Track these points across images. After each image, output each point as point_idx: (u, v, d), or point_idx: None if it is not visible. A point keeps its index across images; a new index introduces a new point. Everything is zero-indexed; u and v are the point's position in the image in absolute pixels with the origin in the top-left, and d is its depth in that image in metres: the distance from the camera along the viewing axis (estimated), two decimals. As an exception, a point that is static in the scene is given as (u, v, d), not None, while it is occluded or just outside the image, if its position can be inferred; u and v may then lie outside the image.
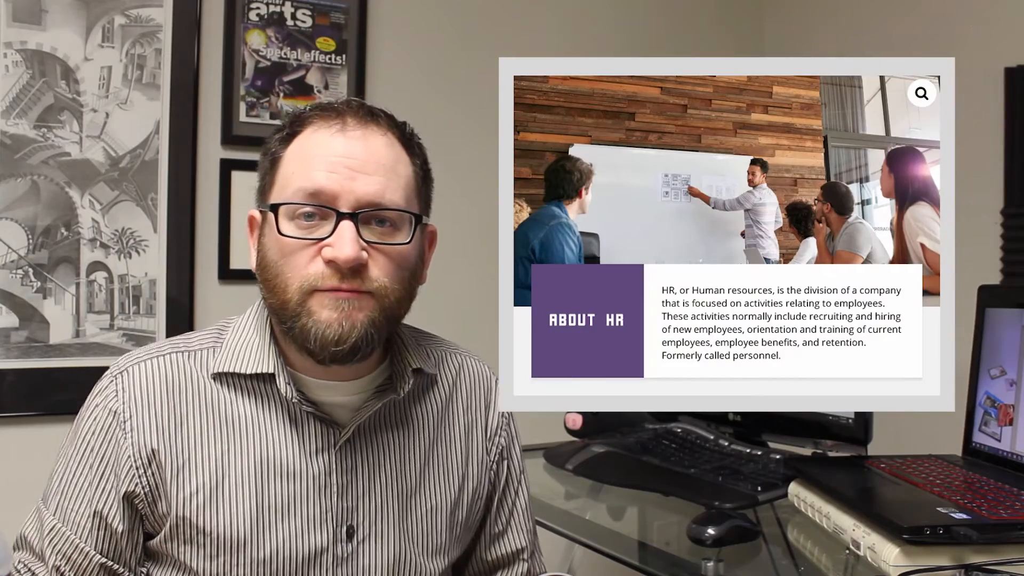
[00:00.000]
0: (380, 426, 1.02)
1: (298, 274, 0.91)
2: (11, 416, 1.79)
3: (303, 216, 0.92)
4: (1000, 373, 1.23)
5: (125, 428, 0.94)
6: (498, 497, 1.14)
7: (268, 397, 0.98)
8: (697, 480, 1.36)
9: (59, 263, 1.83)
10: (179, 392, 0.96)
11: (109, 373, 0.98)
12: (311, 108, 0.99)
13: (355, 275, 0.91)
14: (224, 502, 0.94)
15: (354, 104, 0.98)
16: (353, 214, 0.91)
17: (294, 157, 0.95)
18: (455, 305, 1.92)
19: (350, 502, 0.98)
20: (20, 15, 1.78)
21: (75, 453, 0.96)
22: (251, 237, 1.01)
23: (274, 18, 2.01)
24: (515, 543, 1.15)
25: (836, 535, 1.12)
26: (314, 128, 0.96)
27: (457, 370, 1.12)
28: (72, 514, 0.95)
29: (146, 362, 0.98)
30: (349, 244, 0.90)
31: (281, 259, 0.93)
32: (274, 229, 0.93)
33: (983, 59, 1.92)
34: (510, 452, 1.15)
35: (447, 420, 1.09)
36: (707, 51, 2.49)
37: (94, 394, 0.98)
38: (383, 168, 0.94)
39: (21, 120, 1.79)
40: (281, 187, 0.95)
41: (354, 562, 0.98)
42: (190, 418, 0.96)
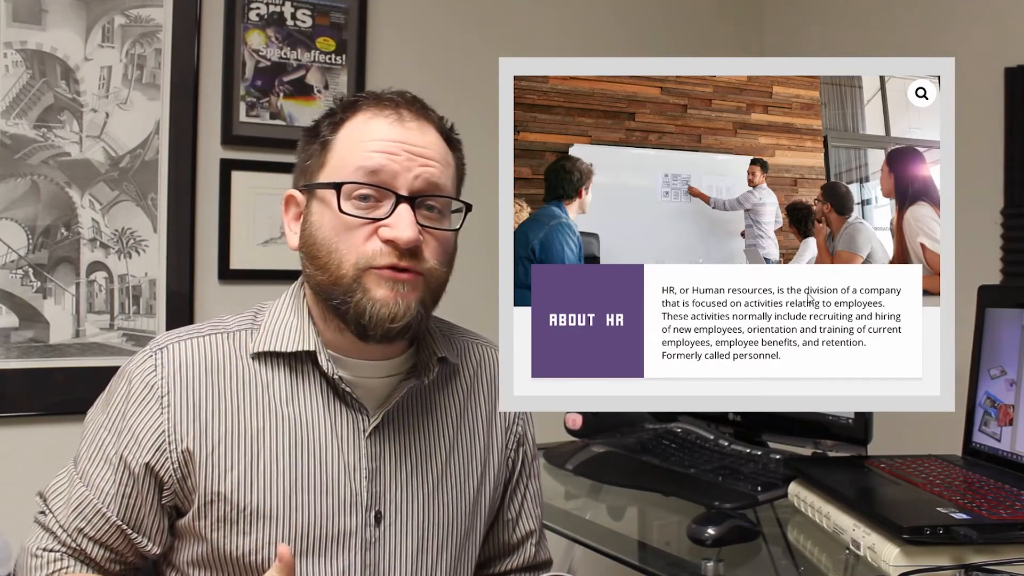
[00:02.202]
0: (407, 414, 1.05)
1: (355, 251, 0.95)
2: (11, 416, 1.79)
3: (360, 197, 0.96)
4: (1000, 373, 1.23)
5: (163, 403, 0.97)
6: (513, 483, 1.17)
7: (304, 376, 1.01)
8: (697, 480, 1.36)
9: (59, 263, 1.83)
10: (218, 372, 0.99)
11: (148, 349, 1.00)
12: (363, 96, 1.03)
13: (411, 256, 0.96)
14: (259, 478, 0.97)
15: (408, 96, 1.02)
16: (411, 198, 0.96)
17: (350, 139, 0.99)
18: (455, 305, 1.91)
19: (378, 488, 1.01)
20: (20, 15, 1.79)
21: (106, 420, 0.99)
22: (286, 217, 1.04)
23: (274, 18, 2.01)
24: (525, 527, 1.18)
25: (836, 535, 1.12)
26: (370, 115, 1.00)
27: (479, 360, 1.15)
28: (96, 479, 0.97)
29: (186, 341, 1.00)
30: (409, 226, 0.94)
31: (336, 236, 0.96)
32: (329, 207, 0.96)
33: (983, 59, 1.92)
34: (526, 439, 1.18)
35: (470, 409, 1.11)
36: (707, 51, 2.49)
37: (131, 367, 1.00)
38: (438, 156, 1.00)
39: (21, 120, 1.79)
40: (336, 167, 0.98)
41: (380, 547, 1.01)
42: (229, 397, 0.98)
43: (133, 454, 0.96)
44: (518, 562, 1.18)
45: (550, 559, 1.23)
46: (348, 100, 1.03)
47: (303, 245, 1.00)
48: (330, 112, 1.03)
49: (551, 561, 1.23)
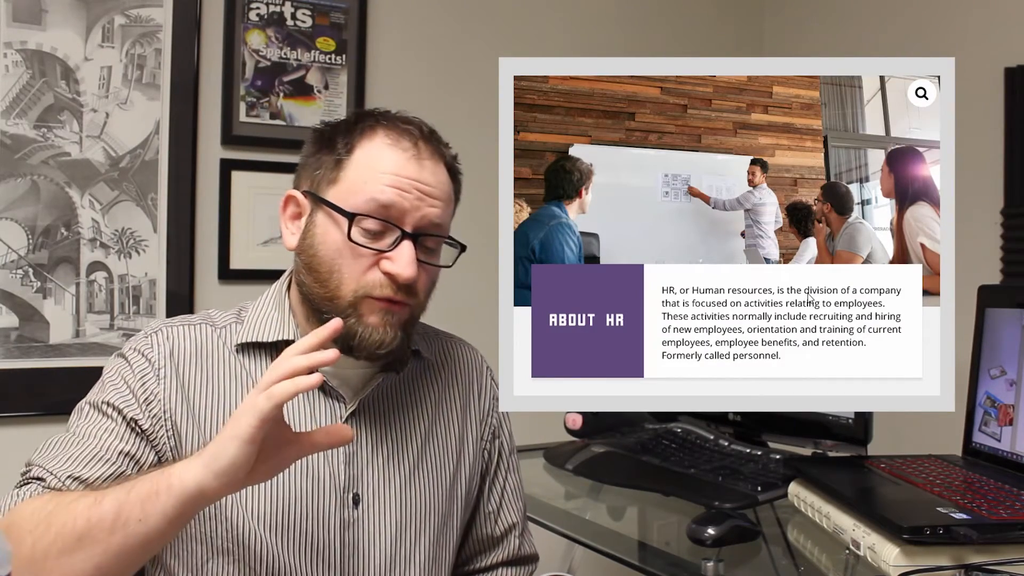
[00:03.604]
0: (383, 402, 1.08)
1: (356, 278, 0.99)
2: (11, 416, 1.79)
3: (367, 226, 0.99)
4: (1000, 373, 1.23)
5: (159, 376, 1.01)
6: (491, 476, 1.19)
7: None
8: (697, 480, 1.36)
9: (59, 263, 1.83)
10: (206, 359, 1.03)
11: (143, 332, 1.05)
12: (379, 116, 1.04)
13: (407, 291, 1.00)
14: None
15: (425, 130, 1.04)
16: (415, 235, 1.00)
17: (366, 165, 1.00)
18: (455, 305, 1.91)
19: (355, 470, 1.04)
20: (20, 15, 1.78)
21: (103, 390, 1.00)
22: (284, 215, 1.06)
23: (274, 18, 2.01)
24: (507, 520, 1.20)
25: (836, 535, 1.12)
26: (388, 142, 1.01)
27: (453, 356, 1.19)
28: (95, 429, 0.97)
29: (178, 328, 1.05)
30: (410, 264, 0.98)
31: (340, 259, 0.99)
32: (339, 228, 0.99)
33: (983, 59, 1.92)
34: (501, 432, 1.21)
35: (445, 400, 1.15)
36: (707, 51, 2.49)
37: (127, 347, 1.04)
38: (444, 196, 1.03)
39: (21, 120, 1.79)
40: (349, 191, 1.00)
41: (360, 527, 1.03)
42: (213, 382, 1.02)
43: (133, 412, 0.98)
44: (503, 555, 1.20)
45: (535, 553, 1.24)
46: (366, 120, 1.03)
47: (302, 251, 1.02)
48: (346, 126, 1.03)
49: (536, 555, 1.24)
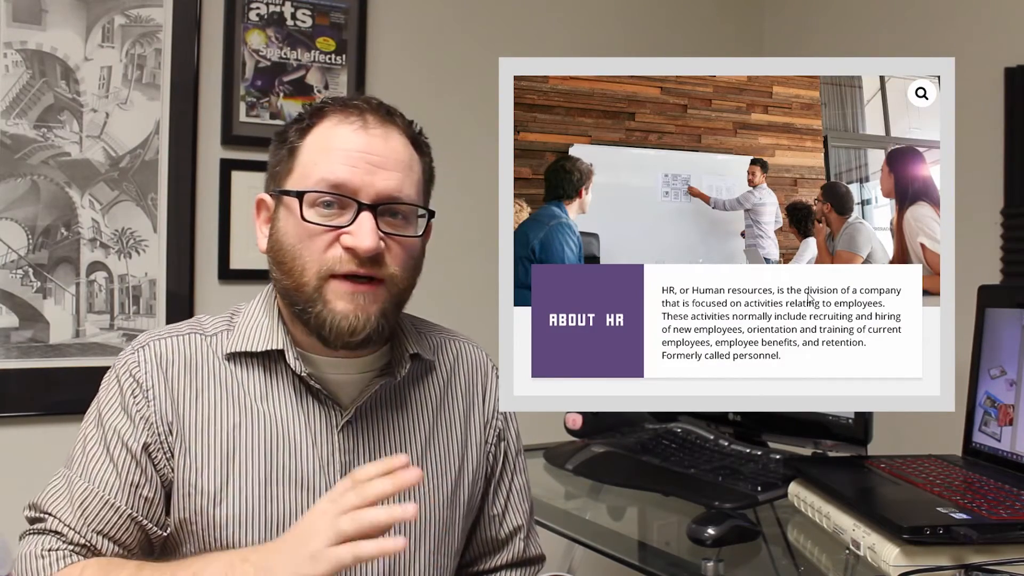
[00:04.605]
0: (380, 409, 1.06)
1: (317, 258, 0.97)
2: (11, 416, 1.79)
3: (323, 204, 0.97)
4: (1000, 373, 1.23)
5: (148, 396, 1.00)
6: (496, 479, 1.17)
7: (277, 375, 1.03)
8: (697, 480, 1.36)
9: (59, 263, 1.83)
10: (196, 370, 1.02)
11: (130, 348, 1.03)
12: (329, 101, 1.03)
13: (372, 263, 0.97)
14: (235, 473, 0.99)
15: (373, 102, 1.02)
16: (373, 206, 0.97)
17: (315, 147, 1.00)
18: (455, 304, 1.91)
19: None
20: (20, 15, 1.78)
21: (100, 417, 1.01)
22: (258, 220, 1.06)
23: (274, 18, 2.01)
24: (512, 523, 1.18)
25: (836, 535, 1.12)
26: (335, 121, 1.00)
27: (455, 356, 1.16)
28: (98, 471, 0.98)
29: (166, 340, 1.03)
30: (370, 234, 0.95)
31: (300, 243, 0.98)
32: (293, 214, 0.98)
33: (983, 59, 1.92)
34: (507, 434, 1.18)
35: (446, 404, 1.12)
36: (707, 51, 2.49)
37: (116, 366, 1.03)
38: (401, 165, 1.00)
39: (21, 120, 1.79)
40: (302, 175, 0.99)
41: None
42: (204, 393, 1.01)
43: (132, 436, 0.98)
44: (508, 557, 1.19)
45: (542, 554, 1.23)
46: (315, 106, 1.03)
47: (271, 249, 1.02)
48: (298, 118, 1.03)
49: (543, 556, 1.23)
